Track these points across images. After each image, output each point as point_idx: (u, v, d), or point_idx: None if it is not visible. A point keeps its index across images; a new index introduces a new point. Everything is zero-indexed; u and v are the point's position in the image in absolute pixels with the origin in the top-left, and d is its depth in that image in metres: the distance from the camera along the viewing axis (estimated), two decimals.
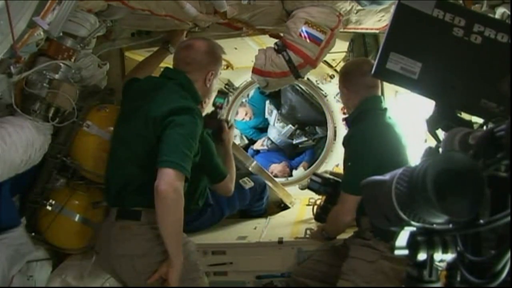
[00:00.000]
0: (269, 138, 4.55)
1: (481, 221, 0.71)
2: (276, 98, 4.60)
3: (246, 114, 4.49)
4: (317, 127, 4.44)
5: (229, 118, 3.67)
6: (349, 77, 2.17)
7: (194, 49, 1.99)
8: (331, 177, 2.36)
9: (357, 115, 2.12)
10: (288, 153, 4.49)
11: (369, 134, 2.01)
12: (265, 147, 4.53)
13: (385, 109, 2.14)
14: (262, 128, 4.75)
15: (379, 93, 2.18)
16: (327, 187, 2.36)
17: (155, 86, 1.94)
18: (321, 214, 2.35)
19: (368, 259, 1.98)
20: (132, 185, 1.82)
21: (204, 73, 1.98)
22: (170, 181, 1.63)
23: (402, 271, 1.88)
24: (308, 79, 3.28)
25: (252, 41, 2.54)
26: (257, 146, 4.59)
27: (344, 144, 2.15)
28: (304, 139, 4.47)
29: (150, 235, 1.78)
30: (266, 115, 4.60)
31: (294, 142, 4.49)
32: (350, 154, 2.07)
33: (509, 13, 1.59)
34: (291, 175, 3.98)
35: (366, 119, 2.07)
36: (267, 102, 4.59)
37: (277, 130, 4.48)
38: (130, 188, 1.82)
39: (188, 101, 1.86)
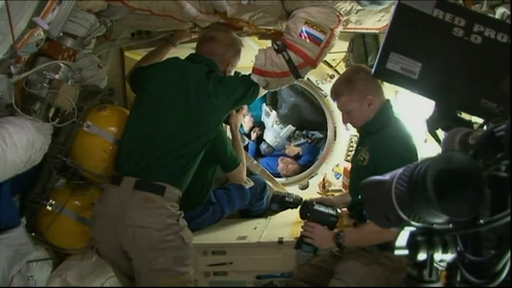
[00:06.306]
0: (265, 142, 4.42)
1: (481, 221, 0.71)
2: (272, 98, 4.56)
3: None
4: (315, 131, 4.38)
5: None
6: (371, 80, 1.98)
7: (218, 41, 2.16)
8: (290, 200, 2.40)
9: (383, 121, 1.98)
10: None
11: (404, 138, 1.93)
12: (264, 147, 4.46)
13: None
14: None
15: None
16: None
17: (197, 73, 2.04)
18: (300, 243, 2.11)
19: (362, 261, 1.97)
20: (165, 160, 1.89)
21: (225, 65, 2.18)
22: None
23: (394, 279, 1.87)
24: (308, 79, 3.28)
25: (252, 41, 2.53)
26: (253, 137, 4.55)
27: (361, 155, 2.01)
28: (303, 140, 4.39)
29: (171, 213, 1.86)
30: (263, 118, 4.53)
31: (294, 144, 4.38)
32: (384, 161, 1.82)
33: (509, 13, 1.59)
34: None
35: (392, 124, 1.98)
36: (264, 104, 4.52)
37: (275, 132, 4.34)
38: (162, 162, 1.89)
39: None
